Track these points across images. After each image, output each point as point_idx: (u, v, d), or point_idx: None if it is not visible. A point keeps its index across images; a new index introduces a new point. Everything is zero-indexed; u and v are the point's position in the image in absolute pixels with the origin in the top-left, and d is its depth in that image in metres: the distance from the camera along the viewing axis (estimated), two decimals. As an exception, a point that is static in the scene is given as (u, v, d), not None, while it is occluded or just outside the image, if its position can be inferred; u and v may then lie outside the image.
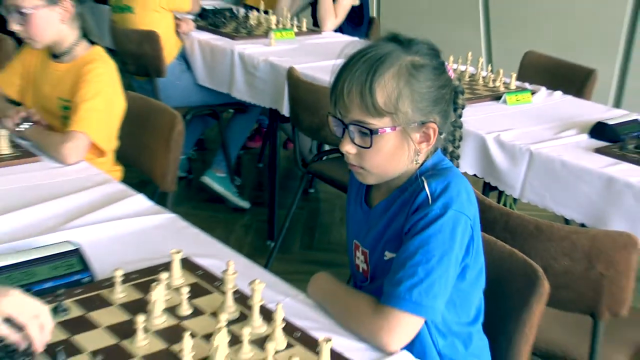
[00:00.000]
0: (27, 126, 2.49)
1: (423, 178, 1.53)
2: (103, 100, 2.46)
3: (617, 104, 4.82)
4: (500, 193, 2.94)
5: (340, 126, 1.54)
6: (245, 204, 4.33)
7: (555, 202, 2.66)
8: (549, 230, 1.97)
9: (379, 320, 1.45)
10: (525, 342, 1.67)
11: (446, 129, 1.60)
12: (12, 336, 1.26)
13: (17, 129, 2.48)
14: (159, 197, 2.60)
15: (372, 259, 1.64)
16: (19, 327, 1.24)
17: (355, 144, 1.52)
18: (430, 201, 1.50)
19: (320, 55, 3.75)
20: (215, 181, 4.31)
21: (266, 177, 4.43)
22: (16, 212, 1.97)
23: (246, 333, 1.39)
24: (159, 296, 1.49)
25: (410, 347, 1.47)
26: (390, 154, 1.53)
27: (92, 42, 2.61)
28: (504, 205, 3.30)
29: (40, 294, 1.52)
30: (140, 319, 1.42)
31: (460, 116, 1.65)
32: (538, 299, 1.64)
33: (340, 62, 1.54)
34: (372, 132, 1.49)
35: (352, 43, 1.58)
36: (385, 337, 1.44)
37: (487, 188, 2.93)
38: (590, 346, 2.04)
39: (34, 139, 2.46)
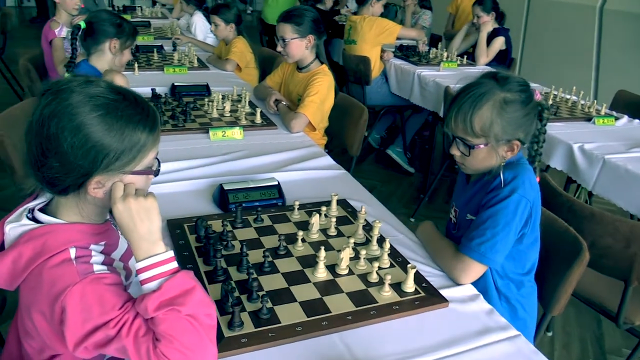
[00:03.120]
0: (280, 104, 2.52)
1: (502, 168, 1.35)
2: (319, 97, 2.41)
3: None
4: (578, 186, 2.59)
5: (450, 137, 1.39)
6: (411, 170, 4.17)
7: (616, 197, 2.28)
8: (599, 217, 1.69)
9: (456, 262, 1.32)
10: (564, 293, 1.45)
11: (529, 139, 1.39)
12: None
13: (271, 103, 2.52)
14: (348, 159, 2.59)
15: (459, 216, 1.49)
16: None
17: (459, 149, 1.37)
18: (502, 185, 1.33)
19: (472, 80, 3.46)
20: (395, 153, 4.19)
21: (427, 154, 4.25)
22: (256, 157, 1.98)
23: (363, 252, 1.32)
24: (315, 221, 1.45)
25: (476, 282, 1.32)
26: (482, 159, 1.36)
27: (321, 62, 2.58)
28: (580, 194, 2.93)
29: (249, 209, 1.55)
30: (300, 232, 1.39)
31: (544, 125, 1.42)
32: (579, 264, 1.42)
33: (457, 88, 1.39)
34: (470, 147, 1.34)
35: (481, 75, 1.38)
36: (458, 274, 1.31)
37: (569, 181, 2.61)
38: (620, 302, 1.76)
39: (280, 112, 2.48)
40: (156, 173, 1.06)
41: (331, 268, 1.30)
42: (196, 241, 1.37)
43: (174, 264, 0.96)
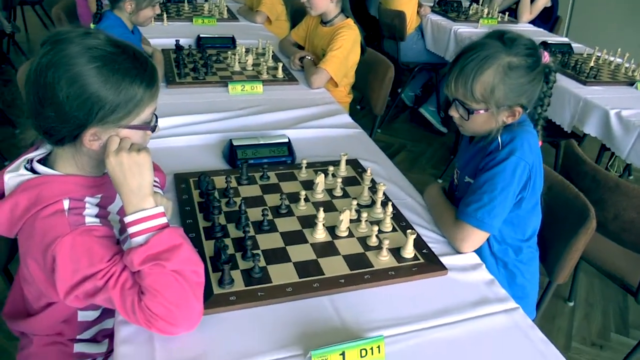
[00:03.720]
0: (306, 58, 2.48)
1: (500, 130, 1.29)
2: (343, 51, 2.34)
3: None
4: (612, 154, 2.46)
5: (450, 98, 1.32)
6: (444, 130, 4.05)
7: (652, 167, 2.17)
8: (625, 188, 1.60)
9: (456, 230, 1.28)
10: (569, 260, 1.39)
11: (533, 104, 1.31)
12: None
13: (296, 61, 2.48)
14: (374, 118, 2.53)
15: (459, 177, 1.44)
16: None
17: (458, 112, 1.31)
18: (500, 148, 1.27)
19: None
20: (428, 112, 4.08)
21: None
22: (273, 113, 1.95)
23: (364, 215, 1.29)
24: (320, 180, 1.42)
25: None
26: (481, 124, 1.30)
27: (347, 16, 2.48)
28: (614, 163, 2.80)
29: (257, 165, 1.53)
30: (303, 192, 1.37)
31: (550, 88, 1.33)
32: (585, 231, 1.35)
33: (460, 47, 1.30)
34: (469, 111, 1.27)
35: (488, 34, 1.30)
36: (458, 243, 1.27)
37: (603, 148, 2.48)
38: (641, 277, 1.69)
39: (305, 66, 2.43)
40: (153, 129, 1.05)
41: (331, 229, 1.27)
42: (199, 196, 1.37)
43: (163, 220, 0.96)
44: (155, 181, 1.29)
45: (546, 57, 1.27)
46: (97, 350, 1.18)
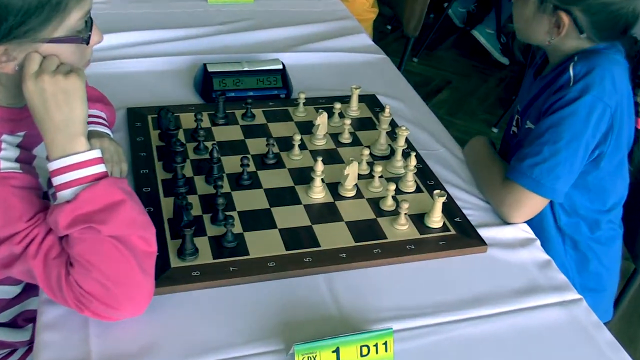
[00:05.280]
0: None
1: (575, 58, 1.25)
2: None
3: None
4: None
5: None
6: (505, 61, 3.99)
7: None
8: None
9: (504, 193, 1.26)
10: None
11: (602, 37, 1.26)
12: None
13: None
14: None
15: (521, 124, 1.41)
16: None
17: None
18: (571, 83, 1.22)
19: None
20: (483, 36, 4.00)
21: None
22: (266, 30, 1.94)
23: (378, 169, 1.27)
24: (322, 122, 1.40)
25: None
26: (526, 20, 1.29)
27: None
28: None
29: (238, 99, 1.51)
30: (298, 137, 1.35)
31: None
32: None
33: None
34: None
35: None
36: (507, 210, 1.26)
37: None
38: None
39: None
40: (87, 40, 1.02)
41: (334, 187, 1.28)
42: (159, 139, 1.37)
43: (99, 168, 0.95)
44: (100, 117, 1.28)
45: None
46: (17, 339, 1.20)
